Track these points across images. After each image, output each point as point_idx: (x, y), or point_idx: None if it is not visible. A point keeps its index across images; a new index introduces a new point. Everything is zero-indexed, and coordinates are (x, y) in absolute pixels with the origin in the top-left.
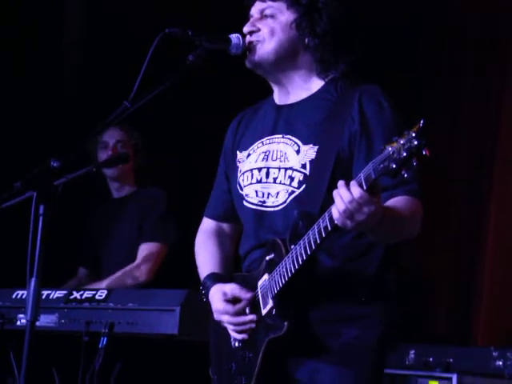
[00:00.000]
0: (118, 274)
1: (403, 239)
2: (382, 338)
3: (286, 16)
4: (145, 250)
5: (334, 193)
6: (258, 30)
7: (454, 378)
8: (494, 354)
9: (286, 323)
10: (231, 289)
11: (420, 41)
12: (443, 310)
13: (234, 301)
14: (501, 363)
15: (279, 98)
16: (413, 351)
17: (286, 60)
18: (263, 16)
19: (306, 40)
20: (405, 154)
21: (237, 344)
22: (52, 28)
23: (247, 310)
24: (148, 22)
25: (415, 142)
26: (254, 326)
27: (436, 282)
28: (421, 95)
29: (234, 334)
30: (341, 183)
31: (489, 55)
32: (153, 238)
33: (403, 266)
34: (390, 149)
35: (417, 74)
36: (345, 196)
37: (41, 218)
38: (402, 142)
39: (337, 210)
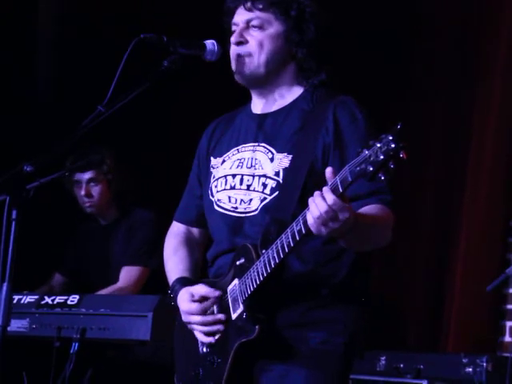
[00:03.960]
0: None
1: (374, 247)
2: (349, 344)
3: (275, 27)
4: (125, 273)
5: (310, 200)
6: (247, 41)
7: None
8: (464, 360)
9: (257, 327)
10: (199, 289)
11: (395, 53)
12: (414, 316)
13: (201, 300)
14: (471, 370)
15: (257, 106)
16: (384, 357)
17: (274, 72)
18: (249, 26)
19: (294, 50)
20: (382, 157)
21: (205, 349)
22: (26, 33)
23: (215, 310)
24: (123, 27)
25: (392, 145)
26: (222, 327)
27: (407, 289)
28: (392, 106)
29: (201, 337)
30: (317, 192)
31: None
32: (134, 261)
33: (374, 274)
34: (366, 152)
35: (389, 87)
36: (319, 204)
37: (13, 223)
38: (379, 145)
39: (311, 218)
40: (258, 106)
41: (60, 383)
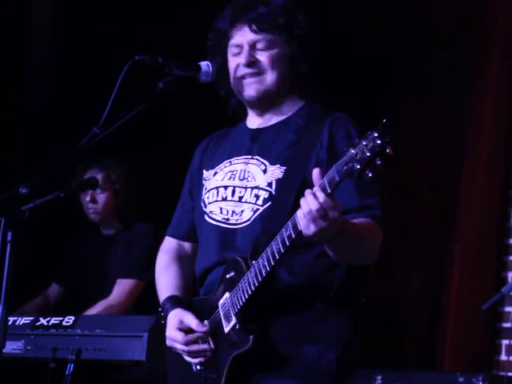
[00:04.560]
0: (93, 309)
1: (361, 261)
2: (342, 359)
3: (281, 48)
4: (118, 286)
5: (301, 199)
6: (258, 61)
7: None
8: (460, 379)
9: (251, 337)
10: (188, 320)
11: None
12: (410, 335)
13: (187, 331)
14: None
15: (253, 122)
16: (379, 377)
17: (282, 90)
18: (255, 47)
19: (299, 70)
20: (368, 154)
21: (198, 367)
22: (19, 48)
23: (200, 342)
24: (118, 48)
25: (378, 141)
26: (208, 355)
27: (402, 307)
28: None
29: (189, 360)
30: (308, 190)
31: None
32: (129, 274)
33: (369, 293)
34: (352, 150)
35: (382, 97)
36: (310, 201)
37: (8, 245)
38: (364, 142)
39: (301, 214)
40: (253, 121)
41: None
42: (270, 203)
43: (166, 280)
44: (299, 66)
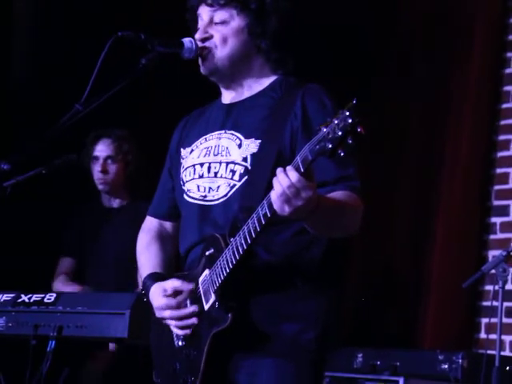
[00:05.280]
0: None
1: (343, 234)
2: (321, 338)
3: (237, 21)
4: None
5: (274, 178)
6: (211, 36)
7: (401, 381)
8: (440, 357)
9: (229, 315)
10: (171, 283)
11: (370, 54)
12: (390, 314)
13: (174, 295)
14: (446, 366)
15: (226, 98)
16: (360, 355)
17: (239, 64)
18: (213, 22)
19: (258, 43)
20: (340, 133)
21: (180, 343)
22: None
23: (188, 303)
24: (100, 24)
25: (349, 120)
26: (196, 320)
27: (383, 286)
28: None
29: (176, 331)
30: (279, 169)
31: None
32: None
33: (352, 269)
34: (324, 129)
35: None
36: (283, 181)
37: None
38: (336, 121)
39: (275, 195)
40: (227, 97)
41: (36, 381)
42: (245, 178)
43: (146, 258)
44: (260, 40)
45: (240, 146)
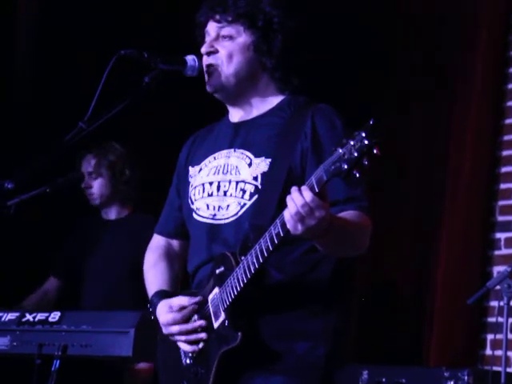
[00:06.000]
0: None
1: (352, 253)
2: (330, 354)
3: (244, 38)
4: None
5: (288, 197)
6: (217, 51)
7: None
8: (446, 374)
9: (239, 333)
10: (177, 300)
11: (369, 65)
12: (395, 331)
13: (180, 311)
14: (452, 383)
15: (234, 116)
16: (366, 372)
17: (245, 82)
18: (220, 37)
19: (264, 60)
20: (356, 154)
21: (188, 361)
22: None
23: (196, 318)
24: (102, 44)
25: (366, 142)
26: (204, 335)
27: (389, 304)
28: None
29: (184, 347)
30: (294, 188)
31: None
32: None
33: (359, 287)
34: (340, 150)
35: (365, 99)
36: (297, 200)
37: None
38: (352, 142)
39: (289, 214)
40: (235, 115)
41: None
42: (256, 197)
43: (153, 276)
44: (266, 58)
45: (250, 164)
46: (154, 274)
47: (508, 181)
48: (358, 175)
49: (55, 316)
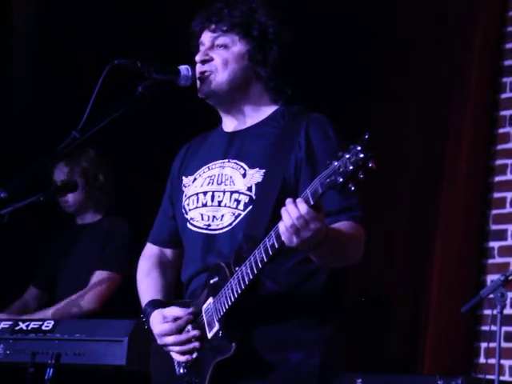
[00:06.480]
0: (63, 303)
1: (346, 264)
2: (325, 365)
3: (239, 47)
4: (96, 277)
5: (282, 209)
6: (211, 59)
7: None
8: (439, 382)
9: (233, 344)
10: (170, 310)
11: (367, 67)
12: (389, 339)
13: (174, 321)
14: None
15: (228, 125)
16: (360, 380)
17: (238, 90)
18: (215, 46)
19: (258, 70)
20: (351, 168)
21: (182, 370)
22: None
23: (190, 328)
24: (98, 54)
25: (361, 155)
26: (198, 344)
27: (382, 311)
28: (369, 117)
29: (177, 357)
30: (289, 200)
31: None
32: (106, 266)
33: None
34: (335, 163)
35: (364, 100)
36: (292, 212)
37: None
38: (347, 155)
39: (284, 226)
40: (228, 124)
41: None
42: (250, 208)
43: (146, 285)
44: (260, 68)
45: (244, 175)
46: (148, 283)
47: (502, 190)
48: (352, 188)
49: (48, 324)
